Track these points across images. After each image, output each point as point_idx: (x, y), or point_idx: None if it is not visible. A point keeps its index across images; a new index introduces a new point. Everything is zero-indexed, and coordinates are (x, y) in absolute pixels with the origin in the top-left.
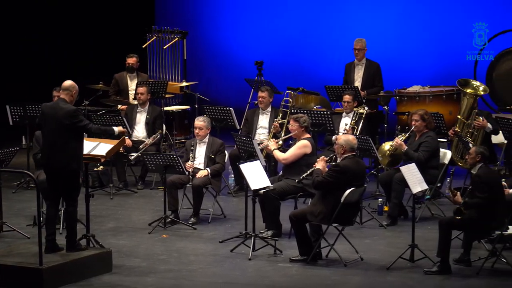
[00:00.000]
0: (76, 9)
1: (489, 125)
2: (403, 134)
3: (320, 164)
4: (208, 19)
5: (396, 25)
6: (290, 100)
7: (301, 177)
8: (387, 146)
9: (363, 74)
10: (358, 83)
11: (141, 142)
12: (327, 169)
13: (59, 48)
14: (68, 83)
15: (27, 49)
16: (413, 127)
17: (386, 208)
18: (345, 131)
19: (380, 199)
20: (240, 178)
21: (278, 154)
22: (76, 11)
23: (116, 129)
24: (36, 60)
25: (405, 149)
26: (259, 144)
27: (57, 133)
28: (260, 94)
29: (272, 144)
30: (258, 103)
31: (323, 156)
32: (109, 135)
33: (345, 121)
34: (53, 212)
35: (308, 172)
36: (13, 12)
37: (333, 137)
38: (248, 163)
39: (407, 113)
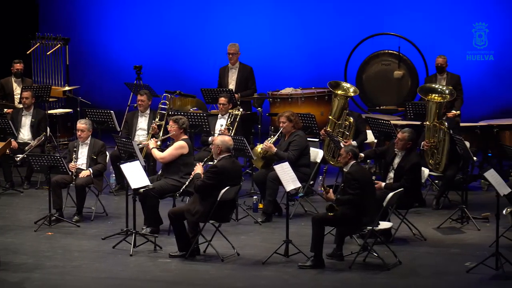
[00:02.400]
0: None
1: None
2: (272, 136)
3: (198, 169)
4: (89, 25)
5: (270, 30)
6: (168, 102)
7: (183, 187)
8: (259, 148)
9: (237, 77)
10: (232, 86)
11: (27, 144)
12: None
13: None
14: None
15: None
16: (282, 128)
17: (261, 206)
18: (221, 132)
19: (255, 197)
20: (121, 178)
21: (156, 153)
22: None
23: None
24: None
25: (274, 151)
26: (138, 144)
27: None
28: (139, 97)
29: (151, 143)
30: (138, 106)
31: (199, 162)
32: None
33: (221, 122)
34: None
35: (188, 181)
36: None
37: (210, 138)
38: (128, 163)
39: (279, 114)
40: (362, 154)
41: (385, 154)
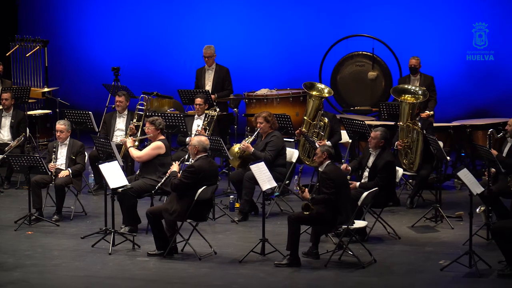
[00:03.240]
0: None
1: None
2: (249, 136)
3: (175, 167)
4: (68, 28)
5: (246, 32)
6: (145, 103)
7: (159, 184)
8: (236, 148)
9: (213, 79)
10: (209, 87)
11: (6, 144)
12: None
13: None
14: None
15: None
16: (259, 129)
17: (237, 205)
18: (197, 132)
19: (231, 196)
20: (100, 178)
21: (133, 152)
22: None
23: None
24: None
25: (252, 151)
26: (116, 144)
27: None
28: (117, 98)
29: (129, 142)
30: (116, 107)
31: (176, 161)
32: None
33: (197, 123)
34: None
35: (164, 178)
36: None
37: (187, 139)
38: (106, 164)
39: (255, 115)
40: (349, 168)
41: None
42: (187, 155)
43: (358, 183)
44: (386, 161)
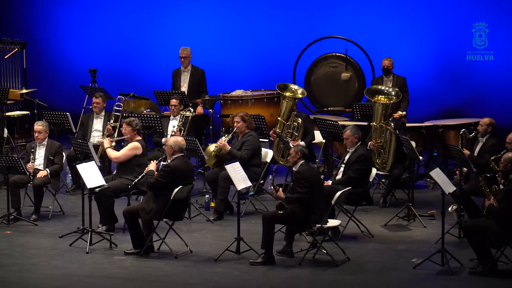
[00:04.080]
0: None
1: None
2: (226, 135)
3: (152, 166)
4: (46, 30)
5: (221, 34)
6: (122, 104)
7: (135, 181)
8: (212, 147)
9: (189, 80)
10: (184, 88)
11: None
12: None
13: None
14: None
15: None
16: (236, 128)
17: (212, 204)
18: (173, 133)
19: (207, 196)
20: (77, 178)
21: (110, 153)
22: None
23: None
24: None
25: (228, 149)
26: (94, 145)
27: None
28: (94, 100)
29: (106, 143)
30: (93, 108)
31: (155, 160)
32: None
33: (173, 124)
34: None
35: (141, 176)
36: None
37: (163, 139)
38: (84, 164)
39: (230, 115)
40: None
41: None
42: (164, 155)
43: (330, 182)
44: (359, 154)
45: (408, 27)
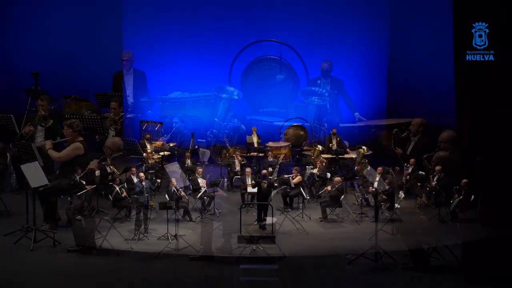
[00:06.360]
0: None
1: None
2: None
3: (93, 164)
4: None
5: (160, 38)
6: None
7: (78, 177)
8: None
9: (133, 82)
10: (129, 91)
11: None
12: None
13: None
14: None
15: None
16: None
17: (152, 203)
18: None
19: (146, 195)
20: (21, 177)
21: (53, 153)
22: None
23: None
24: None
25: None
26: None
27: None
28: (40, 102)
29: (48, 144)
30: (39, 110)
31: (96, 159)
32: None
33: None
34: None
35: (82, 173)
36: None
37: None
38: (28, 164)
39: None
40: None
41: None
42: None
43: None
44: None
45: (343, 30)
